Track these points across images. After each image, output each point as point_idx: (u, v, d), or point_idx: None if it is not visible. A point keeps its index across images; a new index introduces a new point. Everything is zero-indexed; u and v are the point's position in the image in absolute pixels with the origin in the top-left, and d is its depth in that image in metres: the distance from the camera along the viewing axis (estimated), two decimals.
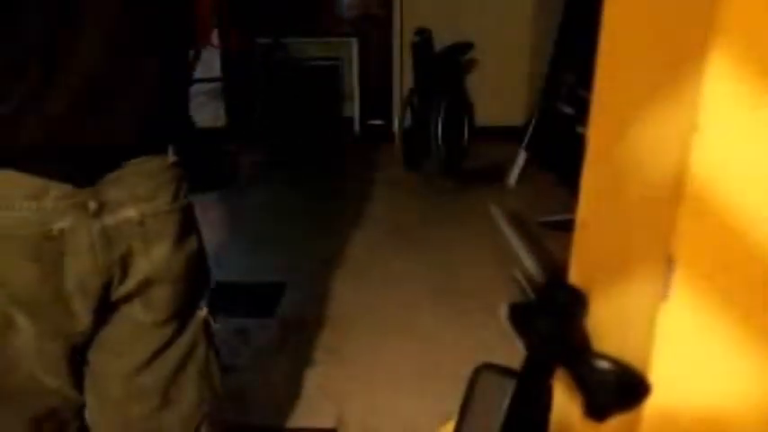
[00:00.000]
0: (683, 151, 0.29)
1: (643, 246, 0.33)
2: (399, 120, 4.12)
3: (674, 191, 0.30)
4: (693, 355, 0.31)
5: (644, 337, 0.32)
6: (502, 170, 3.81)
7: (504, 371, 0.82)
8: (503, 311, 1.37)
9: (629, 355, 0.33)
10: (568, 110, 3.36)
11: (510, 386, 0.75)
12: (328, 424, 1.75)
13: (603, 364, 0.32)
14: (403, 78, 4.59)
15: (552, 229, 2.93)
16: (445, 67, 3.96)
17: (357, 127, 4.74)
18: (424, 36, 3.91)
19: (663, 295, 0.30)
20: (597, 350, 0.34)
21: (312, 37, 4.66)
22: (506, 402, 0.69)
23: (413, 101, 4.01)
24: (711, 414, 0.33)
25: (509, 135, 4.22)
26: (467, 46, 4.02)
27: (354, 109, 4.77)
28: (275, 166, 4.14)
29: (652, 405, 0.33)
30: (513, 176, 3.71)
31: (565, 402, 0.47)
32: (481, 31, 4.28)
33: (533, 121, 3.72)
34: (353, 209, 3.43)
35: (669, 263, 0.30)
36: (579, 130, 3.03)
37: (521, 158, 3.70)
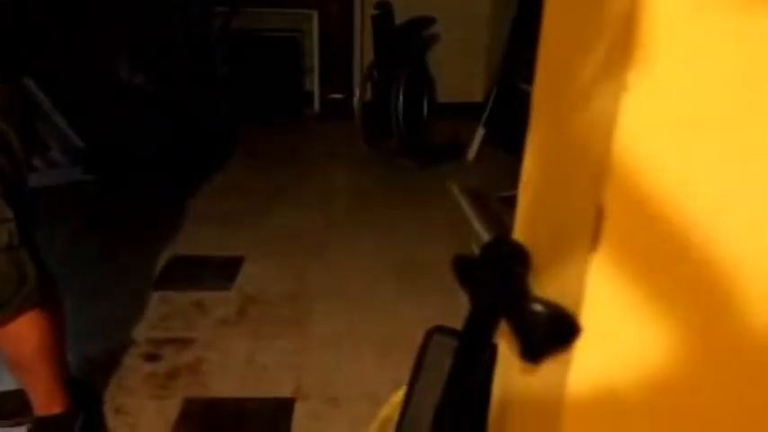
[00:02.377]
0: (612, 114, 0.31)
1: (576, 202, 0.35)
2: (360, 94, 4.09)
3: (604, 158, 0.32)
4: (620, 302, 0.34)
5: (577, 283, 0.34)
6: (462, 146, 3.85)
7: (454, 333, 0.85)
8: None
9: (565, 302, 0.35)
10: (526, 87, 3.40)
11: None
12: (286, 394, 1.77)
13: (537, 307, 0.34)
14: (363, 52, 4.55)
15: (511, 205, 2.99)
16: (406, 42, 3.93)
17: (317, 101, 4.69)
18: (384, 9, 3.87)
19: (592, 247, 0.32)
20: (534, 296, 0.36)
21: (271, 7, 4.55)
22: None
23: (373, 75, 3.98)
24: (638, 357, 0.36)
25: (469, 111, 4.24)
26: (428, 20, 4.00)
27: (314, 83, 4.71)
28: (233, 140, 4.07)
29: (582, 350, 0.35)
30: (472, 152, 3.75)
31: (508, 365, 0.50)
32: (442, 5, 4.26)
33: (491, 98, 3.76)
34: (313, 184, 3.41)
35: (598, 219, 0.32)
36: None
37: (479, 135, 3.74)
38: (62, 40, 2.96)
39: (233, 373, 1.86)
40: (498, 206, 3.08)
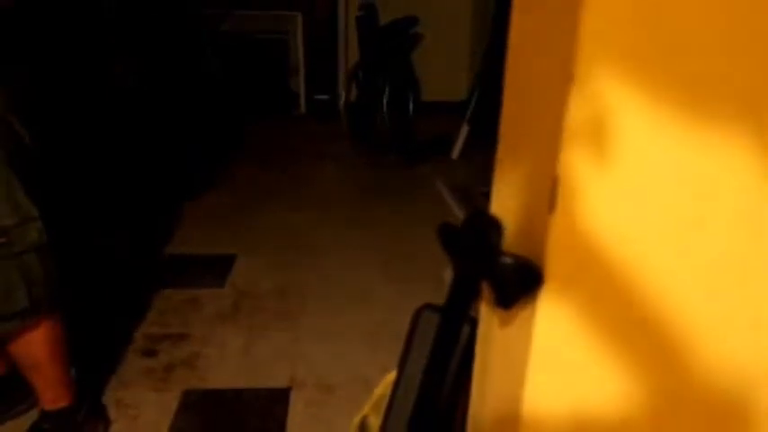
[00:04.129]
0: (563, 100, 0.38)
1: (537, 172, 0.42)
2: (345, 94, 4.16)
3: (556, 135, 0.39)
4: (581, 250, 0.41)
5: (540, 242, 0.42)
6: (446, 144, 3.93)
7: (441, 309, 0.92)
8: (446, 275, 1.50)
9: (531, 256, 0.43)
10: None
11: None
12: (282, 384, 1.84)
13: (508, 260, 0.41)
14: (348, 53, 4.62)
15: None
16: (390, 42, 4.01)
17: (303, 102, 4.75)
18: (368, 10, 3.95)
19: (551, 207, 0.40)
20: (506, 252, 0.43)
21: (257, 9, 4.61)
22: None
23: (358, 75, 4.05)
24: (598, 300, 0.44)
25: (453, 110, 4.33)
26: (412, 20, 4.08)
27: (300, 84, 4.77)
28: (221, 140, 4.11)
29: (547, 293, 0.43)
30: (457, 150, 3.83)
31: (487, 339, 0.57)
32: (425, 5, 4.34)
33: (474, 96, 3.84)
34: (302, 183, 3.47)
35: (554, 183, 0.39)
36: None
37: (463, 132, 3.82)
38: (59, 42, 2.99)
39: (229, 365, 1.92)
40: (482, 200, 3.16)
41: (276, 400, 1.77)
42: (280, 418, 1.70)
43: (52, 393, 1.53)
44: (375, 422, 1.15)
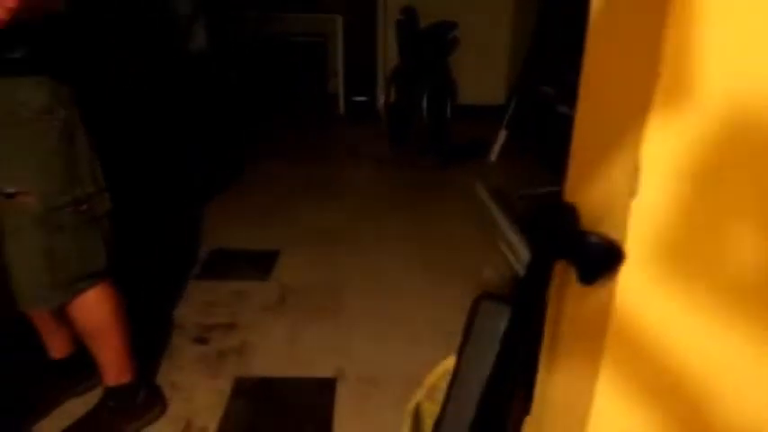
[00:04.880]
0: (647, 94, 0.43)
1: (619, 159, 0.47)
2: (385, 96, 4.23)
3: (638, 126, 0.44)
4: (664, 234, 0.46)
5: (621, 223, 0.47)
6: (483, 147, 3.97)
7: (501, 298, 0.97)
8: (486, 273, 1.59)
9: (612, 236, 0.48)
10: (549, 90, 3.51)
11: (507, 311, 0.90)
12: (327, 374, 1.90)
13: (594, 238, 0.46)
14: (387, 56, 4.69)
15: (529, 202, 3.10)
16: (430, 46, 4.07)
17: (342, 104, 4.84)
18: (409, 14, 4.01)
19: (633, 192, 0.45)
20: (589, 231, 0.48)
21: (297, 12, 4.72)
22: (505, 322, 0.84)
23: (397, 78, 4.12)
24: (679, 284, 0.48)
25: (490, 113, 4.36)
26: (451, 25, 4.13)
27: (339, 86, 4.86)
28: (263, 140, 4.23)
29: (625, 275, 0.48)
30: (494, 153, 3.87)
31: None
32: (465, 10, 4.39)
33: (514, 100, 3.87)
34: (341, 182, 3.56)
35: (636, 169, 0.44)
36: (561, 109, 3.19)
37: (501, 136, 3.86)
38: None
39: (276, 355, 1.99)
40: (520, 204, 3.19)
41: (322, 390, 1.83)
42: (326, 407, 1.76)
43: (115, 367, 1.62)
44: (428, 408, 1.21)
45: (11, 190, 1.34)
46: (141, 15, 3.56)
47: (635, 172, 0.45)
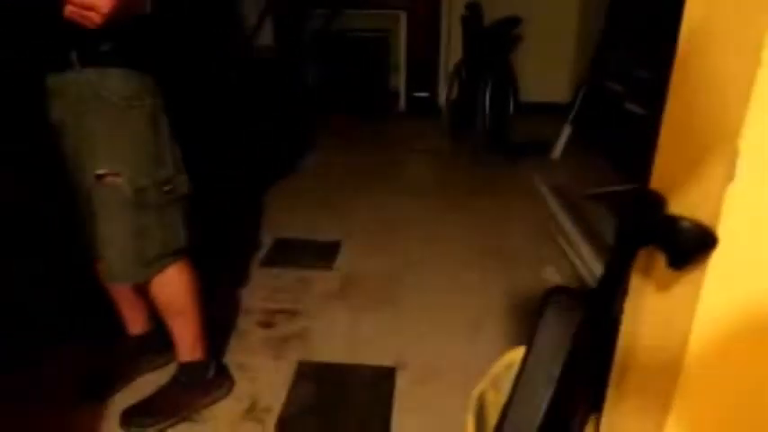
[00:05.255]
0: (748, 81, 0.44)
1: (716, 145, 0.47)
2: (448, 91, 4.23)
3: (738, 112, 0.44)
4: (754, 218, 0.46)
5: (714, 209, 0.47)
6: (545, 144, 3.91)
7: (571, 292, 0.97)
8: (547, 274, 1.58)
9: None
10: (617, 86, 3.43)
11: (581, 305, 0.90)
12: (387, 363, 1.93)
13: (686, 224, 0.46)
14: (449, 52, 4.69)
15: (595, 201, 3.04)
16: (494, 42, 4.04)
17: (403, 99, 4.86)
18: (474, 10, 4.00)
19: (730, 176, 0.45)
20: (680, 217, 0.49)
21: (362, 8, 4.77)
22: (578, 317, 0.84)
23: (460, 74, 4.11)
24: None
25: (552, 111, 4.30)
26: (516, 21, 4.09)
27: (400, 81, 4.89)
28: (326, 134, 4.31)
29: (718, 258, 0.48)
30: (558, 150, 3.81)
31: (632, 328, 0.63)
32: (529, 6, 4.34)
33: (580, 96, 3.80)
34: (401, 175, 3.59)
35: (735, 154, 0.45)
36: (628, 106, 3.11)
37: (566, 132, 3.79)
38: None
39: (338, 341, 2.04)
40: (583, 203, 3.13)
41: (382, 379, 1.86)
42: (386, 395, 1.80)
43: (188, 343, 1.71)
44: (493, 398, 1.22)
45: (102, 171, 1.43)
46: (212, 14, 3.70)
47: (733, 157, 0.45)
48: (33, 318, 2.14)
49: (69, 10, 1.21)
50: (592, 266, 2.34)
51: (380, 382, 1.85)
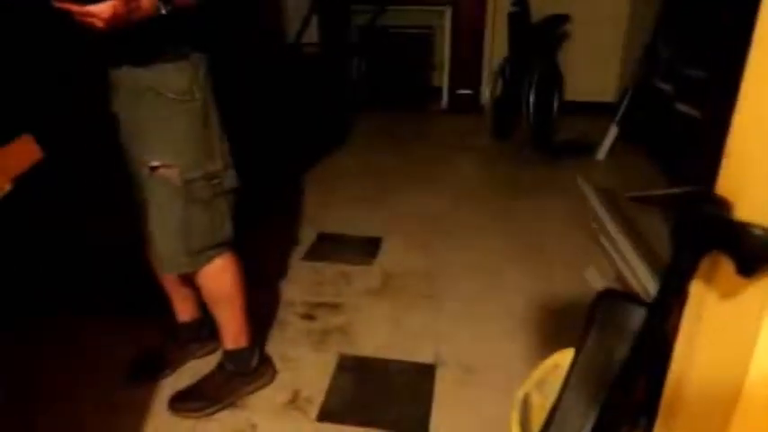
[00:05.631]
0: None
1: None
2: (492, 89, 4.19)
3: None
4: None
5: None
6: (589, 145, 3.84)
7: (627, 297, 0.96)
8: (589, 275, 1.56)
9: None
10: (666, 86, 3.34)
11: (635, 310, 0.90)
12: (427, 359, 1.95)
13: (757, 231, 0.46)
14: (494, 49, 4.64)
15: (641, 204, 2.97)
16: (540, 39, 3.99)
17: (445, 96, 4.84)
18: (521, 6, 3.95)
19: None
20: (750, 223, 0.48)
21: (407, 5, 4.77)
22: (634, 321, 0.84)
23: (505, 71, 4.07)
24: None
25: (597, 111, 4.22)
26: (564, 18, 4.03)
27: (444, 78, 4.87)
28: (368, 130, 4.33)
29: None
30: (603, 150, 3.74)
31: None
32: (578, 2, 4.26)
33: (628, 96, 3.72)
34: (442, 172, 3.57)
35: None
36: (679, 107, 3.03)
37: (612, 133, 3.72)
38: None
39: (379, 336, 2.06)
40: (629, 206, 3.07)
41: (422, 375, 1.88)
42: (426, 392, 1.81)
43: (233, 331, 1.75)
44: (538, 400, 1.21)
45: (155, 163, 1.48)
46: (258, 10, 3.77)
47: None
48: (91, 294, 2.23)
49: (76, 15, 1.22)
50: (637, 269, 2.30)
51: (420, 378, 1.87)
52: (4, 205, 1.21)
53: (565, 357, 1.24)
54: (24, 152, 1.30)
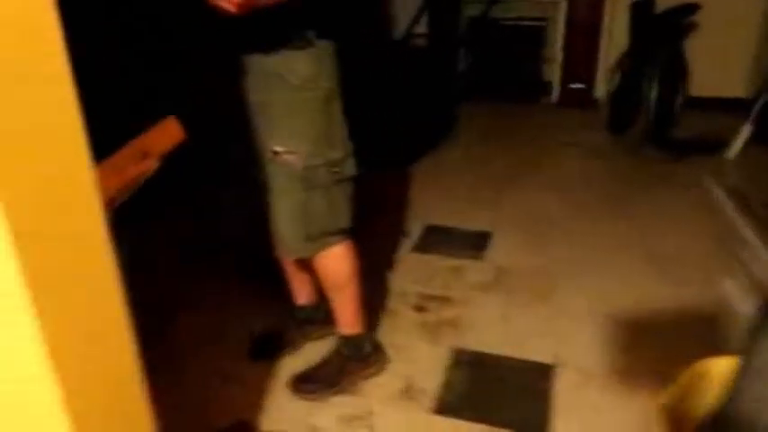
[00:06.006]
0: None
1: None
2: (609, 82, 3.99)
3: None
4: None
5: None
6: (716, 142, 3.56)
7: None
8: (723, 284, 1.42)
9: None
10: None
11: None
12: (545, 360, 1.88)
13: None
14: (611, 41, 4.41)
15: None
16: (665, 30, 3.73)
17: (556, 90, 4.67)
18: None
19: None
20: None
21: None
22: None
23: (624, 64, 3.85)
24: None
25: (726, 107, 3.90)
26: (693, 7, 3.75)
27: (555, 71, 4.69)
28: (476, 123, 4.26)
29: None
30: (734, 150, 3.45)
31: None
32: None
33: (765, 93, 3.40)
34: (552, 168, 3.45)
35: None
36: None
37: (745, 131, 3.42)
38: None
39: (493, 332, 2.02)
40: (764, 211, 2.81)
41: (540, 375, 1.81)
42: (544, 393, 1.75)
43: (350, 317, 1.78)
44: (683, 409, 1.13)
45: (278, 149, 1.52)
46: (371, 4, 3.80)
47: None
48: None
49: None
50: None
51: (539, 378, 1.80)
52: (153, 182, 1.28)
53: (712, 366, 1.15)
54: (169, 133, 1.38)
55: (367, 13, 3.74)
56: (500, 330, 2.03)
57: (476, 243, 2.61)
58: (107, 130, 1.05)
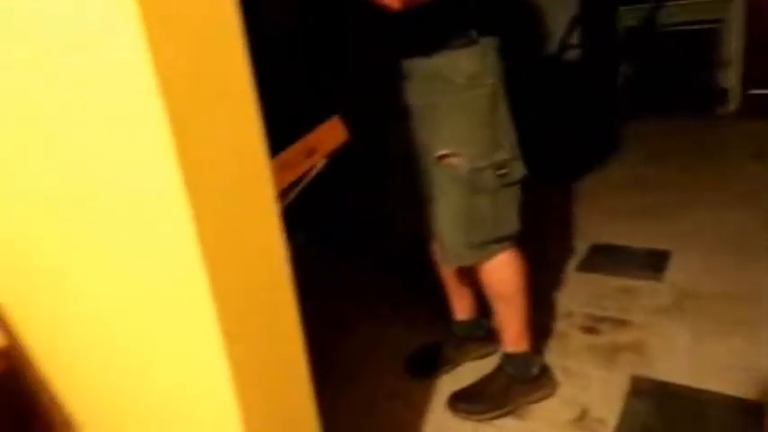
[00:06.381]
0: None
1: None
2: None
3: None
4: None
5: None
6: None
7: None
8: None
9: None
10: None
11: None
12: (749, 396, 1.60)
13: None
14: None
15: None
16: None
17: (734, 98, 4.17)
18: None
19: None
20: None
21: None
22: None
23: None
24: None
25: None
26: None
27: (731, 77, 4.21)
28: (641, 139, 3.93)
29: None
30: None
31: None
32: None
33: None
34: (734, 184, 3.03)
35: None
36: None
37: None
38: None
39: (679, 361, 1.77)
40: None
41: (745, 413, 1.54)
42: None
43: (515, 332, 1.65)
44: None
45: (443, 151, 1.45)
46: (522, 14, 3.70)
47: None
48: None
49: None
50: None
51: (742, 417, 1.53)
52: (321, 179, 1.28)
53: None
54: (334, 133, 1.38)
55: (520, 29, 3.63)
56: (688, 359, 1.77)
57: (651, 263, 2.34)
58: (278, 128, 1.06)
